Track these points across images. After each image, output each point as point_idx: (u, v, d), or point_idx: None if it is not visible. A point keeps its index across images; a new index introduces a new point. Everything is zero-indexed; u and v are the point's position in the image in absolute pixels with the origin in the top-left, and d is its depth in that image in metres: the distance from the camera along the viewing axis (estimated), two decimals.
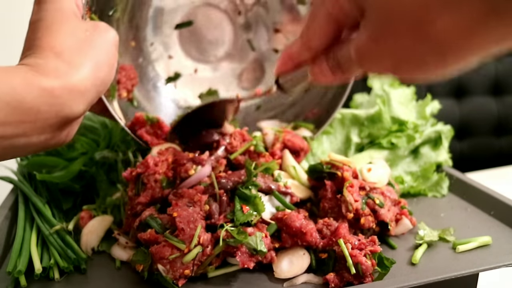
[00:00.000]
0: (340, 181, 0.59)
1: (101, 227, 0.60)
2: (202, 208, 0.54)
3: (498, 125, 1.96)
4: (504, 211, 0.64)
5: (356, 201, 0.57)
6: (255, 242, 0.51)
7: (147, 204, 0.57)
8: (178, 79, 0.77)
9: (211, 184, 0.56)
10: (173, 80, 0.76)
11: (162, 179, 0.58)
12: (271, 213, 0.57)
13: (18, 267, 0.52)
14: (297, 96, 0.76)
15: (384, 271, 0.51)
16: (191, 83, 0.78)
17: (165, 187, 0.57)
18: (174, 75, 0.76)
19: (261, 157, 0.62)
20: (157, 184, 0.58)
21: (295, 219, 0.54)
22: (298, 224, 0.54)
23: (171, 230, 0.52)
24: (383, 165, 0.68)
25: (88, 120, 0.80)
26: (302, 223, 0.54)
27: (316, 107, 0.71)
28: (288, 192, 0.59)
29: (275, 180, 0.60)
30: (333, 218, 0.58)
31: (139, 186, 0.59)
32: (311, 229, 0.54)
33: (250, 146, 0.62)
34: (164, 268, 0.49)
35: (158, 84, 0.76)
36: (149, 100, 0.73)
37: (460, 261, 0.55)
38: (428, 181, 0.74)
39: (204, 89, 0.78)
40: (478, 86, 1.94)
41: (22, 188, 0.67)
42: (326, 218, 0.57)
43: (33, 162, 0.69)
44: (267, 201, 0.58)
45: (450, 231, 0.60)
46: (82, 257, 0.55)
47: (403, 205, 0.63)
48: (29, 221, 0.61)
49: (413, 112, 0.81)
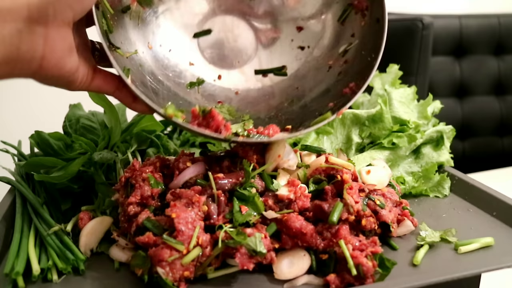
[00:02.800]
0: (340, 183, 0.58)
1: (101, 228, 0.60)
2: (200, 209, 0.53)
3: (500, 125, 1.95)
4: (506, 212, 0.63)
5: (356, 202, 0.56)
6: (255, 243, 0.51)
7: (138, 204, 0.57)
8: (201, 85, 0.74)
9: (209, 185, 0.56)
10: (196, 85, 0.74)
11: (150, 177, 0.58)
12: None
13: (16, 269, 0.52)
14: (329, 80, 0.72)
15: (385, 272, 0.51)
16: (215, 88, 0.76)
17: (153, 185, 0.57)
18: (197, 81, 0.74)
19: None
20: (145, 183, 0.57)
21: (295, 220, 0.54)
22: (298, 225, 0.53)
23: (169, 232, 0.52)
24: (383, 166, 0.67)
25: (87, 120, 0.80)
26: (302, 224, 0.54)
27: (353, 81, 0.68)
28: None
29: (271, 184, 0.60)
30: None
31: (128, 189, 0.59)
32: (311, 230, 0.54)
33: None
34: (163, 271, 0.49)
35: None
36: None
37: (462, 262, 0.54)
38: (429, 181, 0.74)
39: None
40: (481, 86, 1.94)
41: (19, 189, 0.67)
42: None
43: (31, 162, 0.69)
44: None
45: (452, 232, 0.59)
46: (80, 258, 0.55)
47: (405, 206, 0.63)
48: (26, 222, 0.61)
49: (415, 112, 0.80)
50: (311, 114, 0.67)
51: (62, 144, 0.73)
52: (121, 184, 0.61)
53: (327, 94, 0.69)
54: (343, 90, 0.66)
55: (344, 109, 0.62)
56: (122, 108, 0.85)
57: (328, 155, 0.63)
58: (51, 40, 0.43)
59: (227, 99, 0.74)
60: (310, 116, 0.66)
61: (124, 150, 0.74)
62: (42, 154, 0.74)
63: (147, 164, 0.60)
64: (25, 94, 1.59)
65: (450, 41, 1.86)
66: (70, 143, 0.74)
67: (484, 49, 1.91)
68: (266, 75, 0.76)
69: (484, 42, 1.89)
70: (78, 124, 0.79)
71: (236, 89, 0.75)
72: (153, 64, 0.68)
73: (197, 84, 0.73)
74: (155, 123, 0.80)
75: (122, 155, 0.73)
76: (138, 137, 0.78)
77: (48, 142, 0.73)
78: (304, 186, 0.59)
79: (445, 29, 1.84)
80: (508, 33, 1.89)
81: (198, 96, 0.72)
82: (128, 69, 0.58)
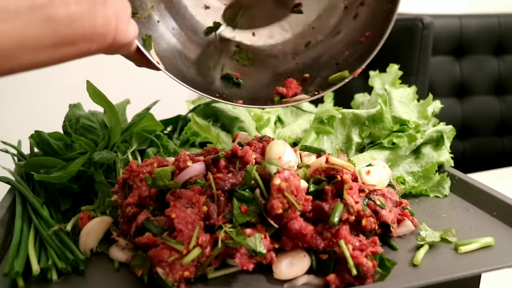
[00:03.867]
0: (340, 184, 0.58)
1: (100, 228, 0.60)
2: (200, 209, 0.53)
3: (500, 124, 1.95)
4: (506, 212, 0.63)
5: (356, 202, 0.56)
6: (254, 244, 0.51)
7: (136, 205, 0.57)
8: (218, 29, 0.73)
9: (209, 185, 0.56)
10: (213, 31, 0.73)
11: (147, 177, 0.58)
12: None
13: (16, 268, 0.52)
14: (341, 22, 0.70)
15: (385, 272, 0.50)
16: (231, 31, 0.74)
17: (151, 185, 0.57)
18: (214, 25, 0.72)
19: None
20: (142, 183, 0.57)
21: (295, 221, 0.54)
22: (297, 226, 0.53)
23: (169, 232, 0.51)
24: (383, 166, 0.67)
25: (87, 120, 0.80)
26: (302, 225, 0.53)
27: (368, 30, 0.65)
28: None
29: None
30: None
31: (126, 190, 0.59)
32: (311, 231, 0.54)
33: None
34: (163, 271, 0.49)
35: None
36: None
37: (462, 262, 0.54)
38: (429, 181, 0.74)
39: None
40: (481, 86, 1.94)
41: (19, 189, 0.67)
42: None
43: (31, 162, 0.69)
44: None
45: (452, 232, 0.59)
46: (80, 258, 0.55)
47: (405, 205, 0.63)
48: (26, 222, 0.61)
49: (415, 111, 0.80)
50: (328, 62, 0.66)
51: (62, 144, 0.73)
52: (119, 185, 0.61)
53: (343, 39, 0.68)
54: (358, 38, 0.65)
55: (360, 68, 0.60)
56: (122, 108, 0.85)
57: (328, 156, 0.62)
58: (120, 11, 0.43)
59: (245, 43, 0.73)
60: (327, 65, 0.65)
61: (124, 150, 0.74)
62: (42, 154, 0.73)
63: (144, 165, 0.60)
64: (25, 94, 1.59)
65: (450, 41, 1.86)
66: (70, 143, 0.74)
67: (484, 49, 1.91)
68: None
69: (484, 42, 1.89)
70: (78, 124, 0.79)
71: (252, 31, 0.74)
72: (171, 16, 0.68)
73: (215, 28, 0.72)
74: (155, 123, 0.80)
75: (122, 155, 0.73)
76: (138, 137, 0.78)
77: (48, 142, 0.72)
78: (304, 185, 0.58)
79: (445, 29, 1.84)
80: (508, 33, 1.89)
81: (216, 45, 0.72)
82: (149, 36, 0.58)
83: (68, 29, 0.38)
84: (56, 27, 0.37)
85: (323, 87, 0.62)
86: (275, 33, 0.75)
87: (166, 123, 0.91)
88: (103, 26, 0.41)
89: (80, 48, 0.40)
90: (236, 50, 0.71)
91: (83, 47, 0.40)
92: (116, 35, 0.43)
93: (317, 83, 0.63)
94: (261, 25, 0.75)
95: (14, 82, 1.57)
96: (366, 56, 0.61)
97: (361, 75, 0.71)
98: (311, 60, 0.69)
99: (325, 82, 0.60)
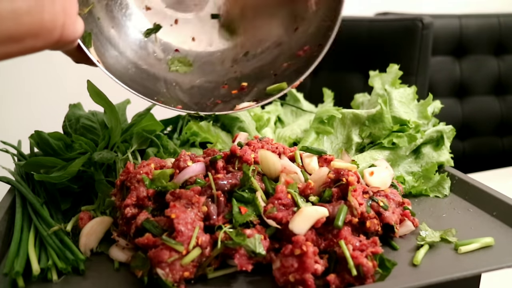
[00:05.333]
0: (345, 186, 0.58)
1: (101, 228, 0.60)
2: (200, 209, 0.53)
3: (500, 124, 1.95)
4: (506, 212, 0.63)
5: (360, 204, 0.56)
6: (254, 244, 0.51)
7: (135, 206, 0.57)
8: (158, 31, 0.73)
9: (209, 185, 0.56)
10: (153, 32, 0.73)
11: (144, 178, 0.57)
12: None
13: (16, 268, 0.52)
14: (282, 35, 0.71)
15: (385, 273, 0.50)
16: (172, 34, 0.75)
17: (148, 185, 0.57)
18: (154, 27, 0.73)
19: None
20: (140, 184, 0.57)
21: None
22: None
23: (168, 233, 0.51)
24: (385, 167, 0.67)
25: (87, 120, 0.79)
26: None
27: (308, 44, 0.66)
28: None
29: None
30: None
31: (124, 192, 0.59)
32: (311, 233, 0.54)
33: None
34: (163, 272, 0.49)
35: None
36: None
37: (462, 262, 0.54)
38: (429, 181, 0.74)
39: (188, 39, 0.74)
40: (481, 86, 1.94)
41: (19, 189, 0.67)
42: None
43: (31, 162, 0.69)
44: None
45: (452, 232, 0.59)
46: (80, 258, 0.55)
47: (406, 205, 0.63)
48: (26, 222, 0.61)
49: (415, 111, 0.80)
50: (267, 72, 0.66)
51: (62, 144, 0.73)
52: (116, 188, 0.61)
53: (282, 51, 0.68)
54: (297, 51, 0.65)
55: (298, 81, 0.61)
56: (122, 108, 0.85)
57: (330, 159, 0.62)
58: (68, 7, 0.42)
59: (184, 48, 0.74)
60: (265, 76, 0.66)
61: (124, 150, 0.74)
62: (42, 154, 0.73)
63: (141, 166, 0.60)
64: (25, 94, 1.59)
65: (450, 41, 1.86)
66: (70, 143, 0.74)
67: (484, 49, 1.91)
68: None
69: (484, 42, 1.89)
70: (78, 124, 0.79)
71: (192, 35, 0.74)
72: (112, 14, 0.68)
73: (155, 30, 0.72)
74: (155, 123, 0.80)
75: (122, 155, 0.73)
76: (138, 137, 0.78)
77: (48, 142, 0.72)
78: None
79: (445, 29, 1.84)
80: (508, 33, 1.89)
81: (156, 47, 0.72)
82: (89, 33, 0.58)
83: (13, 24, 0.36)
84: (0, 22, 0.36)
85: (261, 97, 0.62)
86: (215, 41, 0.75)
87: (166, 123, 0.91)
88: (50, 22, 0.40)
89: (25, 45, 0.39)
90: (175, 55, 0.72)
91: (28, 43, 0.39)
92: (63, 31, 0.42)
93: (255, 93, 0.63)
94: (200, 31, 0.75)
95: (14, 82, 1.57)
96: (303, 70, 0.62)
97: (361, 75, 0.72)
98: (249, 69, 0.70)
99: (262, 93, 0.61)
